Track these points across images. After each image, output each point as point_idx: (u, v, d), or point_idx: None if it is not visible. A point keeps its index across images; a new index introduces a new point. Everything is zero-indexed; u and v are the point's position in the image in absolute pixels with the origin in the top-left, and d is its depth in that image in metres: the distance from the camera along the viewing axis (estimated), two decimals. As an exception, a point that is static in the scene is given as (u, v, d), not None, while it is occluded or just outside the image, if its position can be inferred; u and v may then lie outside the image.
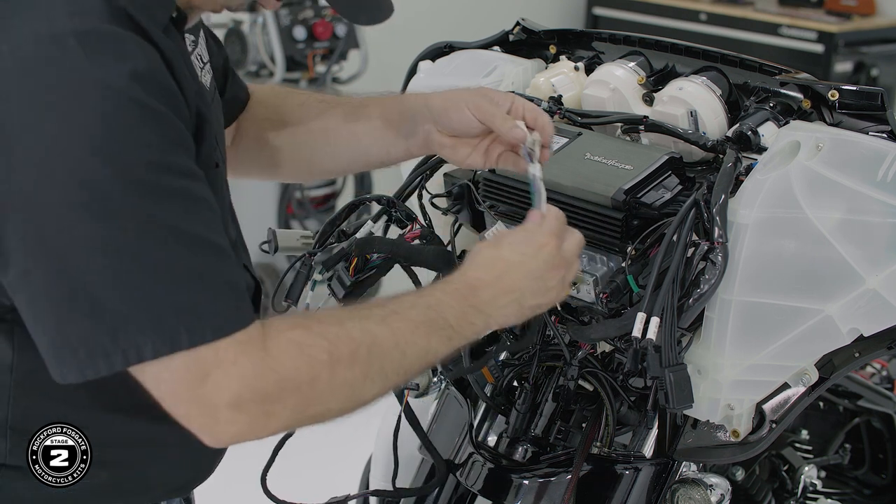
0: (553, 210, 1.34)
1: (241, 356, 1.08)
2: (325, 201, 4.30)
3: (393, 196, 1.71)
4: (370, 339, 1.16)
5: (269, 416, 1.09)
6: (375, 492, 1.83)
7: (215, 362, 1.07)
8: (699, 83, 1.56)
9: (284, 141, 1.62)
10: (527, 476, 1.60)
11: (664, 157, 1.47)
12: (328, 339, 1.13)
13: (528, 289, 1.28)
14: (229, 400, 1.07)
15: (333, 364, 1.12)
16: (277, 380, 1.09)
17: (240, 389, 1.07)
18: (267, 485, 1.63)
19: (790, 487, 1.86)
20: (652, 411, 1.53)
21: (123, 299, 1.05)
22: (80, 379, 1.07)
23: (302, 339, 1.12)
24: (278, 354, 1.10)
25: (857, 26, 4.92)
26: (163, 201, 1.06)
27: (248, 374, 1.08)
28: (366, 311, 1.19)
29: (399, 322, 1.19)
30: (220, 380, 1.07)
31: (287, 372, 1.10)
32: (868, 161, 1.34)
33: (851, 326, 1.35)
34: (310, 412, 1.13)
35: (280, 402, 1.09)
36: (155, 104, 1.07)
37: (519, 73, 1.77)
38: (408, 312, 1.20)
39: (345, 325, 1.15)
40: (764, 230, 1.36)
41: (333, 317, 1.18)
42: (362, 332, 1.16)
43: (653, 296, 1.36)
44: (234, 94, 1.59)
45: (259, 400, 1.08)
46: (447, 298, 1.24)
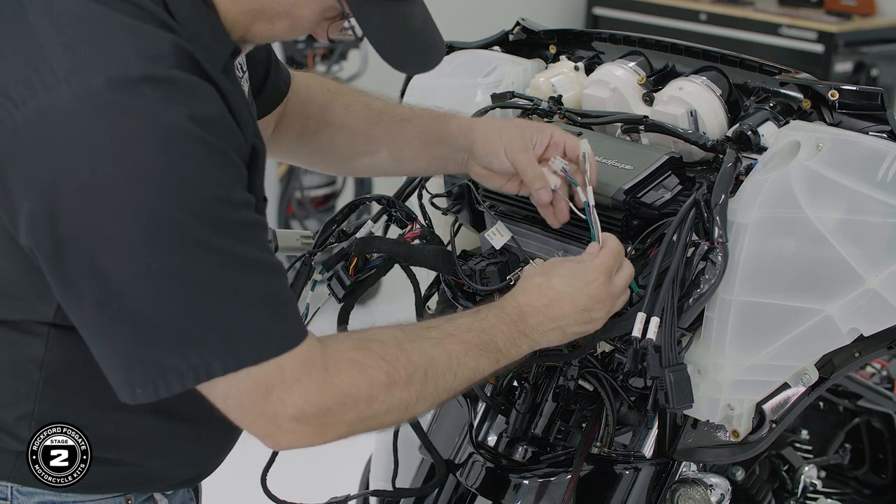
0: (610, 244, 1.39)
1: (305, 375, 1.16)
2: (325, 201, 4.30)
3: (393, 196, 1.71)
4: (427, 363, 1.23)
5: (327, 427, 1.18)
6: (375, 492, 1.82)
7: (280, 379, 1.15)
8: (699, 83, 1.56)
9: (327, 141, 1.64)
10: (527, 476, 1.60)
11: (664, 157, 1.47)
12: (388, 360, 1.21)
13: (573, 319, 1.36)
14: (293, 414, 1.16)
15: (391, 386, 1.20)
16: (338, 397, 1.17)
17: (303, 405, 1.16)
18: (267, 485, 1.63)
19: (790, 487, 1.86)
20: (652, 411, 1.53)
21: (195, 322, 1.12)
22: (154, 398, 1.13)
23: (363, 360, 1.20)
24: (339, 374, 1.18)
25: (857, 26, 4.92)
26: (228, 231, 1.13)
27: (310, 392, 1.16)
28: (424, 333, 1.27)
29: (454, 345, 1.27)
30: (284, 395, 1.15)
31: (347, 389, 1.18)
32: (868, 161, 1.34)
33: (851, 326, 1.35)
34: (365, 426, 1.22)
35: (339, 416, 1.18)
36: (220, 145, 1.13)
37: (519, 73, 1.77)
38: (463, 335, 1.28)
39: (405, 348, 1.23)
40: (764, 230, 1.36)
41: (394, 339, 1.24)
42: (420, 356, 1.23)
43: (653, 296, 1.36)
44: (275, 87, 1.59)
45: (320, 414, 1.17)
46: (499, 324, 1.31)
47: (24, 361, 1.24)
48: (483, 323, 1.30)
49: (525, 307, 1.34)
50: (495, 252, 1.56)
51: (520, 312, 1.33)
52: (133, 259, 1.09)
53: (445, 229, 1.70)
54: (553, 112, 1.64)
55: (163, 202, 1.08)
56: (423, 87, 1.82)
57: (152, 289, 1.10)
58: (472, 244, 1.69)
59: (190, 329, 1.11)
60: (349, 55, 4.21)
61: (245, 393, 1.14)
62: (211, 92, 1.14)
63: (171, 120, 1.08)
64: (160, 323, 1.11)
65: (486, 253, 1.58)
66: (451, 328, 1.28)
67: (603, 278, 1.36)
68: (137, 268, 1.09)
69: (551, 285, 1.35)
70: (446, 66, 1.83)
